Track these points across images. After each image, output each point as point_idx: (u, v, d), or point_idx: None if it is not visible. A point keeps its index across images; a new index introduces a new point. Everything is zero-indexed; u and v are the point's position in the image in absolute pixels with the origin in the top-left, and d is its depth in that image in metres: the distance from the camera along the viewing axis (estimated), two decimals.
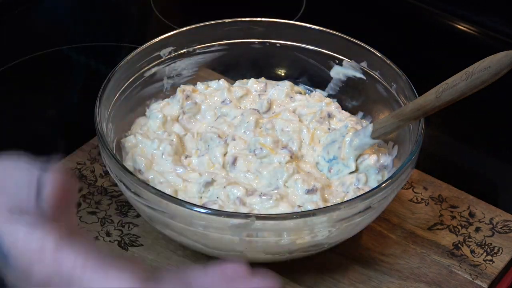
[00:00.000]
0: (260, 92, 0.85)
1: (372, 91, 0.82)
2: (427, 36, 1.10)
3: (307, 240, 0.68)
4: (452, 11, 1.10)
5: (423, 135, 0.71)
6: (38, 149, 0.88)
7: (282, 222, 0.65)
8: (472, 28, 1.09)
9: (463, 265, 0.74)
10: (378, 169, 0.76)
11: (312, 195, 0.73)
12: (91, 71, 1.04)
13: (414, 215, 0.79)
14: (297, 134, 0.79)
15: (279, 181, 0.74)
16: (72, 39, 1.06)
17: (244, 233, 0.65)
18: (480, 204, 0.80)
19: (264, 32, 0.86)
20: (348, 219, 0.67)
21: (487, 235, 0.77)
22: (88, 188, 0.79)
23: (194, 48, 0.85)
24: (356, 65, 0.83)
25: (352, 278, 0.72)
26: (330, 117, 0.81)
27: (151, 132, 0.80)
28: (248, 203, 0.72)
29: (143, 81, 0.82)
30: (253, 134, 0.79)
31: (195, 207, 0.65)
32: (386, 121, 0.74)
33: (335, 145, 0.77)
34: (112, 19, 1.12)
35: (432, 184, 0.82)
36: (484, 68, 0.65)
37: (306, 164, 0.77)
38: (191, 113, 0.82)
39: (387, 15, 1.14)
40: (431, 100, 0.70)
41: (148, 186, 0.66)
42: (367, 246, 0.75)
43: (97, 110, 0.73)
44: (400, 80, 0.78)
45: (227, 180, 0.74)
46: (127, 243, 0.74)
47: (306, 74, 0.87)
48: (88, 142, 0.84)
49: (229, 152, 0.77)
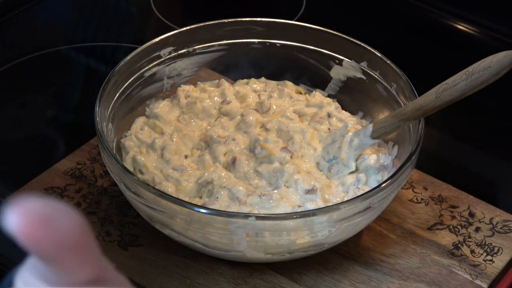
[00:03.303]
0: (260, 92, 0.85)
1: (372, 91, 0.82)
2: (427, 36, 1.10)
3: (307, 240, 0.68)
4: (452, 11, 1.10)
5: (423, 135, 0.72)
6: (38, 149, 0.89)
7: (282, 222, 0.65)
8: (472, 28, 1.09)
9: (463, 265, 0.74)
10: (378, 169, 0.76)
11: (312, 195, 0.73)
12: (91, 71, 1.04)
13: (414, 215, 0.79)
14: (297, 134, 0.79)
15: (279, 181, 0.74)
16: (72, 39, 1.06)
17: (244, 233, 0.66)
18: (480, 204, 0.80)
19: (264, 32, 0.86)
20: (348, 219, 0.67)
21: (487, 235, 0.77)
22: (88, 188, 0.79)
23: (194, 48, 0.85)
24: (356, 65, 0.83)
25: (352, 278, 0.72)
26: (330, 117, 0.81)
27: (151, 132, 0.80)
28: (248, 203, 0.72)
29: (143, 81, 0.82)
30: (253, 134, 0.79)
31: (195, 207, 0.65)
32: (386, 121, 0.74)
33: (335, 145, 0.77)
34: (112, 19, 1.12)
35: (432, 184, 0.82)
36: (484, 68, 0.65)
37: (306, 164, 0.77)
38: (191, 113, 0.82)
39: (387, 15, 1.14)
40: (431, 100, 0.70)
41: (148, 186, 0.66)
42: (367, 246, 0.75)
43: (97, 110, 0.73)
44: (400, 80, 0.78)
45: (227, 180, 0.74)
46: (127, 243, 0.74)
47: (306, 74, 0.87)
48: (88, 142, 0.84)
49: (229, 152, 0.77)
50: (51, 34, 1.09)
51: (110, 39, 1.07)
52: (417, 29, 1.12)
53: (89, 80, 1.03)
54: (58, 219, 0.33)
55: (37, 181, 0.79)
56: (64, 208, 0.33)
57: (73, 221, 0.33)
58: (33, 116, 0.93)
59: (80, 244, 0.34)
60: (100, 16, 1.12)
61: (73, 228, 0.33)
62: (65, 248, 0.33)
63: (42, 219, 0.32)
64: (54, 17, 1.13)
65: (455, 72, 0.68)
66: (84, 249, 0.34)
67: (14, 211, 0.32)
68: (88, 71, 1.04)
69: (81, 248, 0.34)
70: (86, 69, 1.05)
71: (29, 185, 0.79)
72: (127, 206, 0.77)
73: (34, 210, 0.32)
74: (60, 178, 0.80)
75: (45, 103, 0.96)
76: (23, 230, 0.32)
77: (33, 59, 1.01)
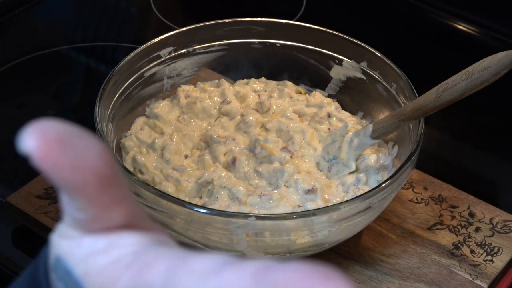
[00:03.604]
0: (260, 92, 0.85)
1: (372, 91, 0.82)
2: (427, 36, 1.10)
3: (307, 240, 0.68)
4: (452, 11, 1.10)
5: (423, 135, 0.71)
6: None
7: (282, 222, 0.65)
8: (472, 28, 1.09)
9: (463, 265, 0.74)
10: (378, 169, 0.76)
11: (312, 195, 0.73)
12: (91, 71, 1.04)
13: (414, 215, 0.79)
14: (297, 134, 0.78)
15: (279, 181, 0.74)
16: (72, 39, 1.06)
17: (244, 233, 0.66)
18: (480, 204, 0.80)
19: (264, 32, 0.86)
20: (348, 219, 0.67)
21: (487, 235, 0.77)
22: None
23: (194, 48, 0.85)
24: (356, 65, 0.83)
25: (352, 278, 0.72)
26: (330, 117, 0.81)
27: (151, 132, 0.80)
28: (248, 203, 0.72)
29: (143, 81, 0.82)
30: (253, 134, 0.79)
31: (195, 207, 0.65)
32: (386, 121, 0.74)
33: (335, 145, 0.77)
34: (112, 19, 1.12)
35: (432, 184, 0.82)
36: (484, 68, 0.65)
37: (306, 164, 0.77)
38: (191, 113, 0.82)
39: (387, 15, 1.14)
40: (431, 100, 0.70)
41: (148, 186, 0.66)
42: (367, 246, 0.75)
43: (97, 110, 0.73)
44: (400, 80, 0.78)
45: (227, 180, 0.74)
46: None
47: (306, 74, 0.87)
48: None
49: (229, 152, 0.77)
50: (51, 34, 1.09)
51: (110, 39, 1.07)
52: (417, 29, 1.12)
53: (89, 80, 1.03)
54: (78, 142, 0.30)
55: (37, 181, 0.79)
56: (85, 134, 0.31)
57: (96, 148, 0.31)
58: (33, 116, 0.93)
59: (106, 176, 0.31)
60: (100, 16, 1.12)
61: (96, 155, 0.31)
62: (88, 177, 0.30)
63: (59, 140, 0.30)
64: (54, 17, 1.14)
65: (455, 72, 0.68)
66: (111, 183, 0.31)
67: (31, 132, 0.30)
68: (88, 71, 1.04)
69: (108, 180, 0.31)
70: (86, 69, 1.05)
71: (29, 185, 0.79)
72: None
73: (51, 131, 0.30)
74: None
75: (45, 103, 0.96)
76: (40, 151, 0.30)
77: (33, 59, 1.01)
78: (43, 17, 1.13)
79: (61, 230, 0.34)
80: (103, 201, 0.32)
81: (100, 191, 0.31)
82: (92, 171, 0.31)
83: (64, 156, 0.30)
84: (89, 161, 0.31)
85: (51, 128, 0.30)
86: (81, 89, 1.02)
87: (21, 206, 0.76)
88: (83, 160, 0.30)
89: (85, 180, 0.31)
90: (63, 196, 0.32)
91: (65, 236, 0.34)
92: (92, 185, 0.31)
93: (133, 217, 0.33)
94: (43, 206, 0.76)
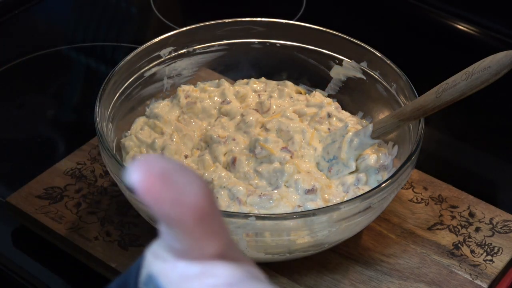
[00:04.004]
0: (260, 92, 0.85)
1: (372, 91, 0.82)
2: (427, 36, 1.10)
3: (307, 240, 0.68)
4: (452, 11, 1.11)
5: (423, 135, 0.72)
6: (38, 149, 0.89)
7: (282, 222, 0.65)
8: (472, 28, 1.09)
9: (463, 265, 0.74)
10: (378, 169, 0.76)
11: (312, 195, 0.73)
12: (91, 71, 1.04)
13: (414, 215, 0.79)
14: (297, 134, 0.78)
15: (279, 181, 0.74)
16: (72, 39, 1.06)
17: (244, 233, 0.66)
18: (480, 204, 0.80)
19: (264, 32, 0.86)
20: (348, 219, 0.67)
21: (487, 235, 0.77)
22: (88, 188, 0.79)
23: (194, 48, 0.85)
24: (356, 65, 0.83)
25: (352, 278, 0.72)
26: (330, 117, 0.81)
27: (151, 132, 0.80)
28: (248, 203, 0.72)
29: (143, 81, 0.82)
30: (253, 134, 0.79)
31: None
32: (386, 121, 0.74)
33: (335, 145, 0.77)
34: (112, 19, 1.12)
35: (432, 184, 0.82)
36: (484, 68, 0.65)
37: (306, 164, 0.77)
38: (191, 113, 0.82)
39: (387, 15, 1.14)
40: (431, 100, 0.70)
41: None
42: (367, 246, 0.75)
43: (97, 110, 0.73)
44: (400, 80, 0.78)
45: (227, 180, 0.74)
46: (127, 243, 0.74)
47: (306, 74, 0.87)
48: (88, 142, 0.84)
49: (229, 152, 0.77)
50: (51, 34, 1.09)
51: (110, 39, 1.07)
52: (417, 29, 1.12)
53: (89, 80, 1.03)
54: (180, 179, 0.32)
55: (37, 181, 0.79)
56: (187, 170, 0.33)
57: (196, 184, 0.33)
58: (33, 116, 0.93)
59: (204, 211, 0.33)
60: (100, 16, 1.12)
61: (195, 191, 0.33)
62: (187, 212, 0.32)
63: (163, 176, 0.32)
64: (54, 17, 1.14)
65: (455, 72, 0.68)
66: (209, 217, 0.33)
67: (137, 166, 0.32)
68: (88, 71, 1.04)
69: (206, 215, 0.33)
70: (86, 69, 1.05)
71: (29, 185, 0.79)
72: (127, 206, 0.77)
73: (156, 167, 0.32)
74: (60, 178, 0.80)
75: (45, 103, 0.96)
76: (144, 185, 0.32)
77: (33, 59, 1.01)
78: (43, 17, 1.13)
79: (155, 251, 0.36)
80: (199, 233, 0.33)
81: (197, 225, 0.33)
82: (191, 206, 0.33)
83: (166, 191, 0.32)
84: (189, 196, 0.33)
85: (156, 163, 0.32)
86: (81, 89, 1.02)
87: (21, 206, 0.76)
88: (183, 196, 0.32)
89: (183, 215, 0.33)
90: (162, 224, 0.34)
91: (160, 257, 0.36)
92: (190, 219, 0.33)
93: (226, 248, 0.35)
94: (43, 206, 0.76)
